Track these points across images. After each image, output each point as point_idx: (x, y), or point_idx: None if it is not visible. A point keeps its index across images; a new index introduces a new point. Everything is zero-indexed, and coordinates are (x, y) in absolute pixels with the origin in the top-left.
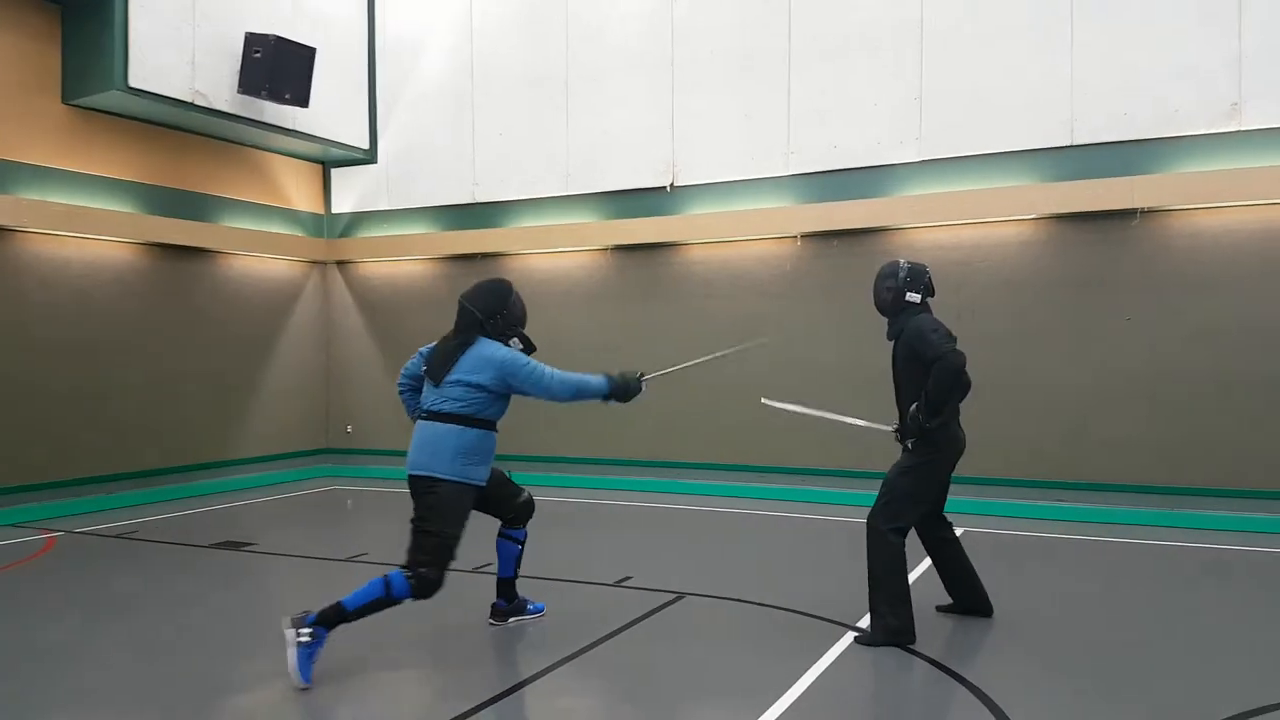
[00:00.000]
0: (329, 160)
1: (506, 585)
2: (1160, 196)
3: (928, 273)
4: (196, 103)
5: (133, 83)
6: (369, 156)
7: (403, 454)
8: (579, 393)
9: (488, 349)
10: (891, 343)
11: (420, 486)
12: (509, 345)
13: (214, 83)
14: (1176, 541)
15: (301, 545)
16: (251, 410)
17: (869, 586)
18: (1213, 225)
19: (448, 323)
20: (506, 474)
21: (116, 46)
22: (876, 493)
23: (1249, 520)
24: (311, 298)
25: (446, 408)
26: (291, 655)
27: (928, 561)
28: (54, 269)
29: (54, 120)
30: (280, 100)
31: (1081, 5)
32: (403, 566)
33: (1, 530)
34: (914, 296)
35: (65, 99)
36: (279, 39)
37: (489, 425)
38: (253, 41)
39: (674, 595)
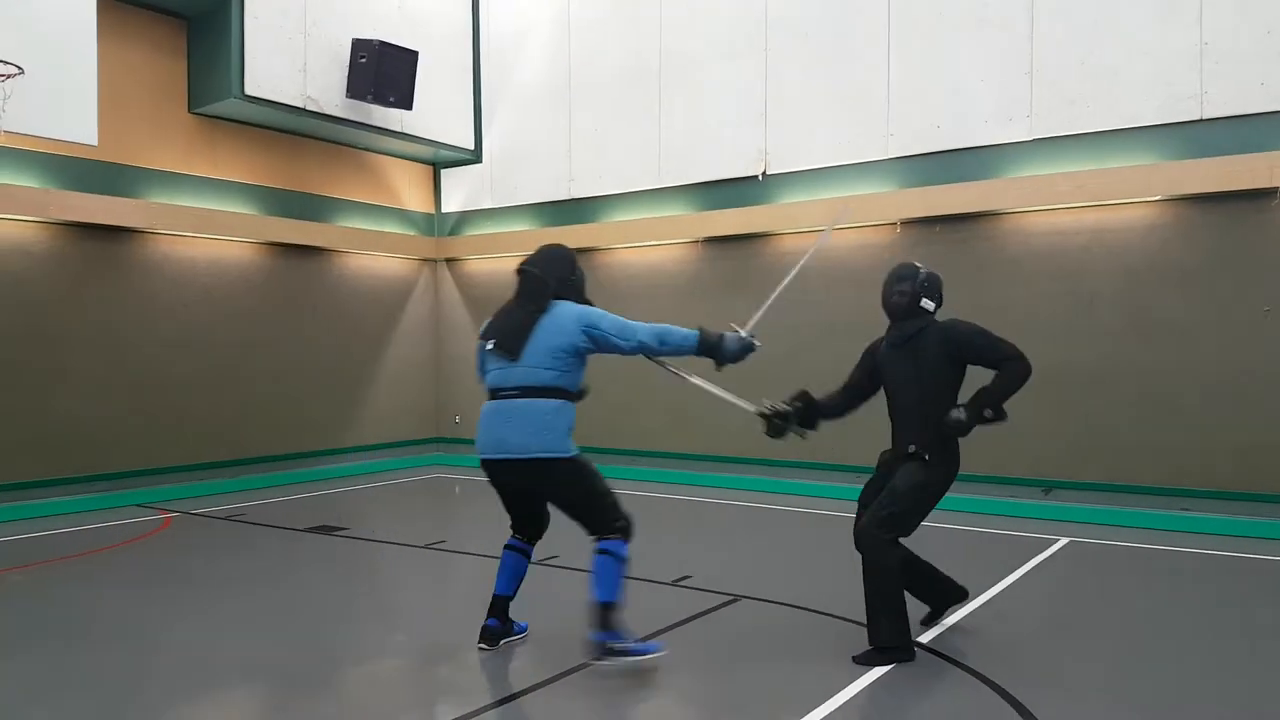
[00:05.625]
0: (439, 161)
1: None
2: None
3: (942, 283)
4: (309, 108)
5: (248, 90)
6: (474, 156)
7: None
8: (663, 340)
9: (567, 308)
10: (894, 349)
11: (524, 470)
12: None
13: (324, 88)
14: None
15: (387, 531)
16: (366, 400)
17: (869, 603)
18: None
19: None
20: None
21: (233, 57)
22: None
23: None
24: (422, 294)
25: (543, 379)
26: (635, 659)
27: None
28: (181, 268)
29: (181, 128)
30: (385, 103)
31: None
32: (603, 535)
33: (129, 510)
34: (929, 303)
35: (191, 107)
36: (382, 44)
37: (575, 396)
38: (358, 47)
39: (729, 597)
